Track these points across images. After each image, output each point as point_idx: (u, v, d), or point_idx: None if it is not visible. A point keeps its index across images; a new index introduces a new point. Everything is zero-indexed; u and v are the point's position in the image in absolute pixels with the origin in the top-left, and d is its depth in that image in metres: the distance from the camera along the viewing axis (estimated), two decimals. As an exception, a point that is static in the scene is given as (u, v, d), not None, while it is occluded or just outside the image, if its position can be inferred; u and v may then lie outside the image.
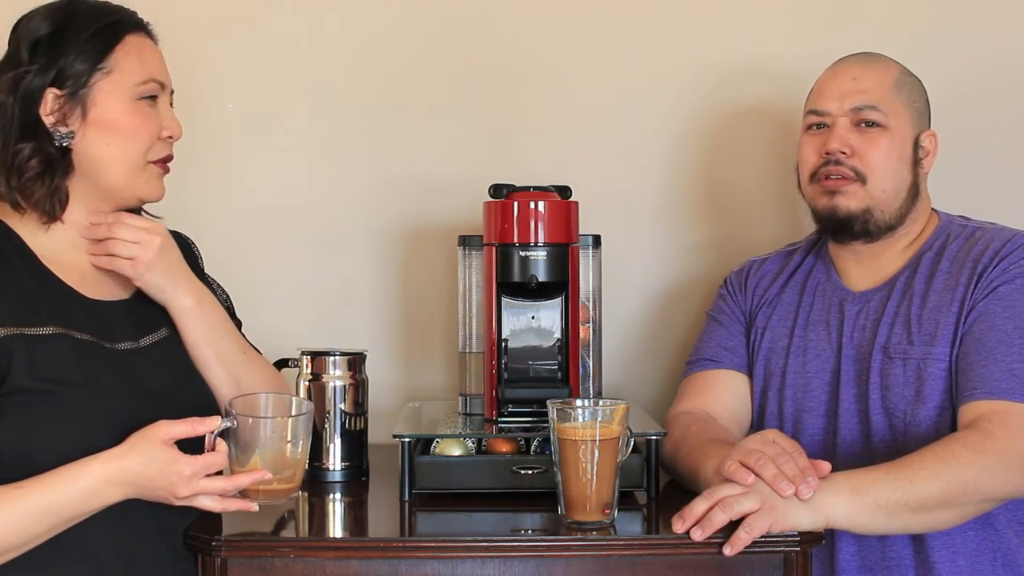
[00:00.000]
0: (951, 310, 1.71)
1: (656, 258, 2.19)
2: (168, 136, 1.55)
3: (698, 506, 1.47)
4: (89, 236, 1.53)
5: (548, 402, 1.52)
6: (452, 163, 2.17)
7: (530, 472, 1.65)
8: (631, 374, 2.18)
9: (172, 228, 1.62)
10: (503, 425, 1.75)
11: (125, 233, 1.51)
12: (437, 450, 1.72)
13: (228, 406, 1.49)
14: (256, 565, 1.46)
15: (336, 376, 1.80)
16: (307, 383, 1.81)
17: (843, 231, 1.78)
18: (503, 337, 1.80)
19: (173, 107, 1.58)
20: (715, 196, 2.20)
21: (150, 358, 1.53)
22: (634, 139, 2.18)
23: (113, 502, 1.39)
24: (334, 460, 1.80)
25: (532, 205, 1.76)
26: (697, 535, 1.45)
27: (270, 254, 2.17)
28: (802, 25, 2.16)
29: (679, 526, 1.46)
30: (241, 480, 1.43)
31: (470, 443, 1.74)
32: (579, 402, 1.60)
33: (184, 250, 1.65)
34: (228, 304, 1.71)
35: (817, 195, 1.80)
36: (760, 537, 1.44)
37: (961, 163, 2.08)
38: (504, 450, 1.72)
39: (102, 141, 1.49)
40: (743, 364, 1.89)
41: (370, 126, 2.18)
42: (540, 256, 1.76)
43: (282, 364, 1.80)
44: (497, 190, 1.80)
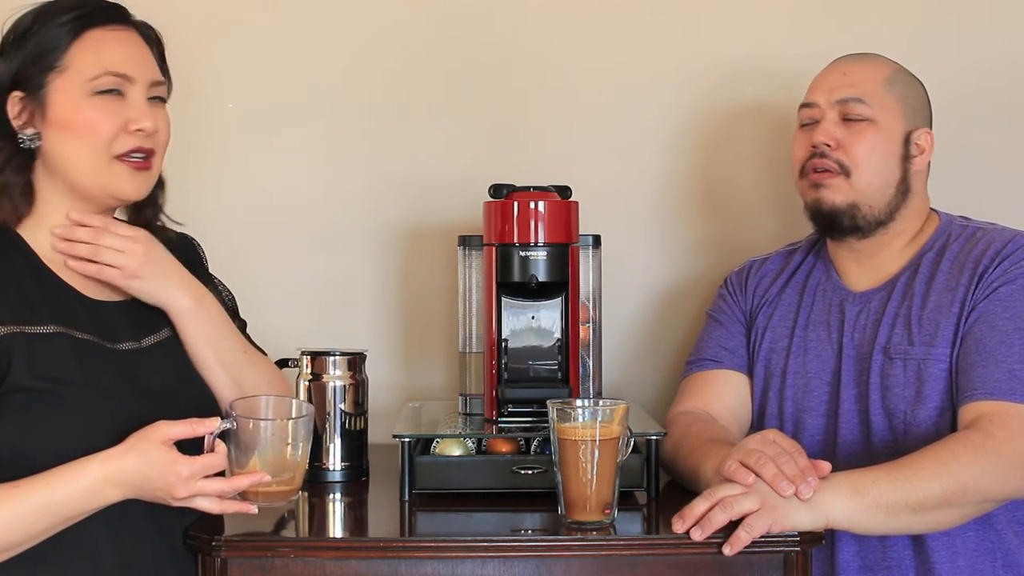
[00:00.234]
0: (952, 311, 1.71)
1: (656, 258, 2.19)
2: (137, 129, 1.49)
3: (698, 506, 1.47)
4: (63, 235, 1.50)
5: (548, 402, 1.52)
6: (452, 163, 2.17)
7: (530, 472, 1.65)
8: (631, 374, 2.18)
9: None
10: (503, 425, 1.75)
11: (109, 241, 1.50)
12: (437, 450, 1.72)
13: (228, 408, 1.48)
14: (256, 565, 1.46)
15: (336, 376, 1.80)
16: (307, 383, 1.81)
17: (832, 227, 1.79)
18: (503, 337, 1.80)
19: (166, 101, 1.55)
20: (715, 196, 2.19)
21: (151, 358, 1.53)
22: (634, 139, 2.18)
23: (111, 502, 1.39)
24: (334, 460, 1.80)
25: (532, 205, 1.76)
26: (697, 535, 1.44)
27: (270, 254, 2.17)
28: (802, 24, 2.16)
29: (679, 526, 1.46)
30: (239, 482, 1.43)
31: (470, 443, 1.74)
32: (579, 402, 1.60)
33: (188, 251, 1.64)
34: (232, 304, 1.71)
35: (805, 189, 1.81)
36: (760, 537, 1.44)
37: (961, 163, 2.08)
38: (504, 450, 1.72)
39: (62, 140, 1.48)
40: (743, 364, 1.89)
41: (370, 126, 2.18)
42: (540, 256, 1.76)
43: (282, 364, 1.80)
44: (497, 190, 1.80)
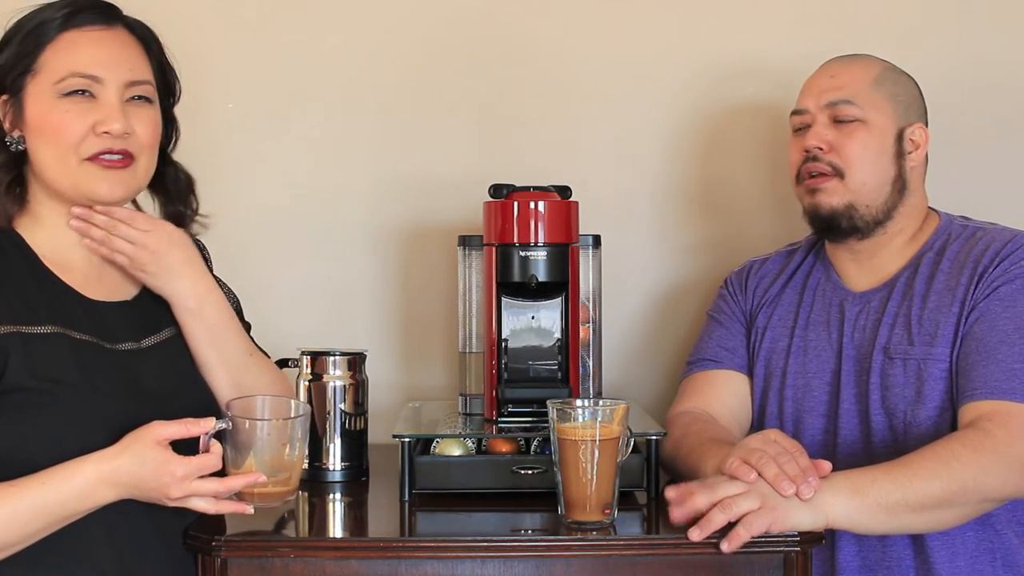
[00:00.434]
0: (952, 310, 1.71)
1: (656, 258, 2.19)
2: (104, 131, 1.47)
3: (698, 500, 1.47)
4: (81, 215, 1.50)
5: (548, 402, 1.52)
6: (452, 163, 2.17)
7: (530, 472, 1.65)
8: (631, 374, 2.18)
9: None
10: (503, 425, 1.75)
11: (123, 231, 1.51)
12: (437, 450, 1.72)
13: (224, 408, 1.48)
14: (256, 565, 1.45)
15: (336, 376, 1.80)
16: (307, 383, 1.81)
17: (831, 229, 1.79)
18: (503, 337, 1.80)
19: (152, 101, 1.53)
20: (715, 196, 2.20)
21: (151, 359, 1.52)
22: (634, 139, 2.18)
23: (106, 502, 1.39)
24: (334, 460, 1.80)
25: (532, 205, 1.76)
26: (695, 535, 1.44)
27: (270, 254, 2.17)
28: (802, 24, 2.16)
29: (677, 513, 1.47)
30: (234, 483, 1.42)
31: (470, 443, 1.74)
32: (579, 402, 1.60)
33: None
34: (236, 306, 1.70)
35: (802, 195, 1.81)
36: (759, 536, 1.44)
37: (960, 163, 2.08)
38: (504, 450, 1.71)
39: (37, 143, 1.48)
40: (743, 364, 1.89)
41: (370, 126, 2.18)
42: (540, 256, 1.76)
43: (282, 364, 1.80)
44: (497, 190, 1.80)
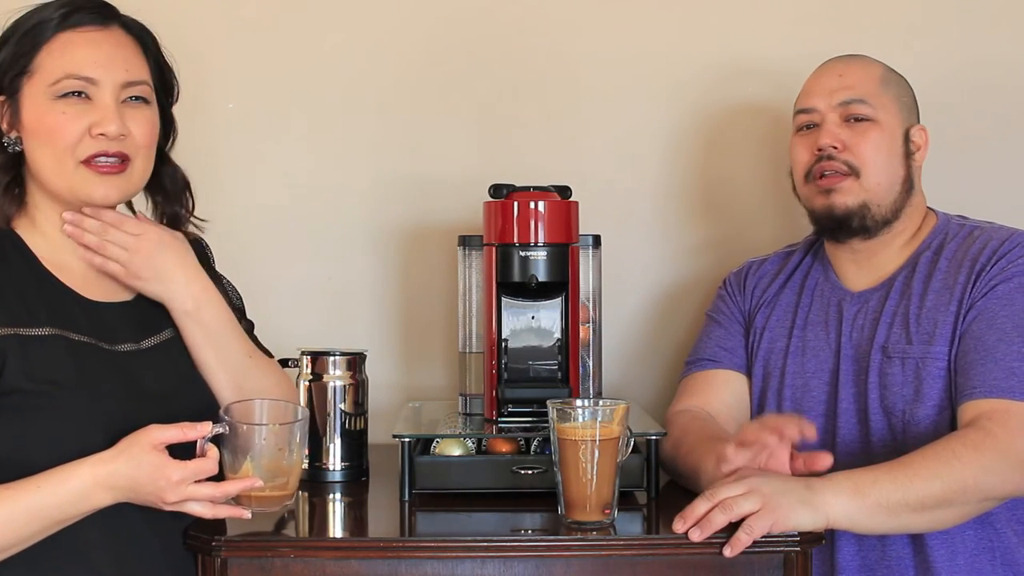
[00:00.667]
0: (949, 309, 1.71)
1: (656, 258, 2.19)
2: (99, 133, 1.46)
3: (699, 506, 1.47)
4: (72, 221, 1.50)
5: (548, 402, 1.52)
6: (452, 163, 2.17)
7: (530, 472, 1.65)
8: (631, 374, 2.18)
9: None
10: (503, 425, 1.75)
11: (115, 237, 1.50)
12: (437, 450, 1.72)
13: (222, 411, 1.47)
14: (256, 565, 1.46)
15: (336, 376, 1.81)
16: (307, 383, 1.81)
17: (841, 229, 1.78)
18: (503, 337, 1.80)
19: (149, 102, 1.52)
20: (715, 196, 2.20)
21: (150, 360, 1.52)
22: (634, 139, 2.18)
23: (103, 506, 1.38)
24: (334, 460, 1.80)
25: (532, 205, 1.76)
26: (696, 536, 1.45)
27: (270, 254, 2.17)
28: (802, 24, 2.16)
29: (679, 525, 1.47)
30: (230, 487, 1.41)
31: (470, 443, 1.74)
32: (579, 402, 1.60)
33: (197, 253, 1.63)
34: (239, 305, 1.69)
35: (813, 195, 1.80)
36: (760, 538, 1.44)
37: (958, 163, 2.08)
38: (504, 450, 1.72)
39: (33, 145, 1.48)
40: (742, 364, 1.89)
41: (370, 127, 2.18)
42: (540, 256, 1.76)
43: (282, 364, 1.79)
44: (497, 190, 1.80)
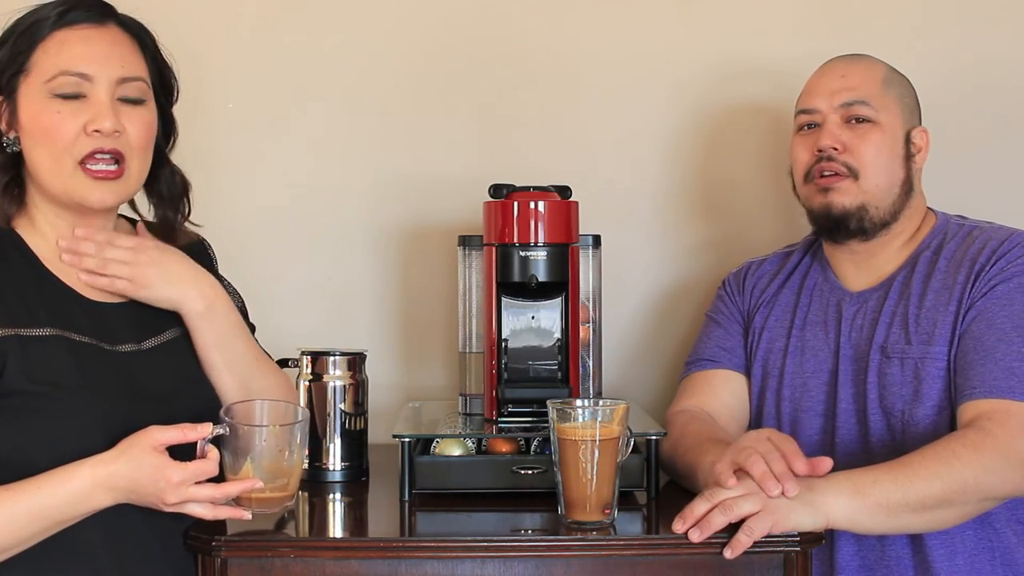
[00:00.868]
0: (949, 309, 1.71)
1: (656, 258, 2.19)
2: (94, 130, 1.45)
3: (699, 507, 1.47)
4: (69, 248, 1.50)
5: (548, 402, 1.52)
6: (452, 163, 2.17)
7: (530, 472, 1.65)
8: (631, 374, 2.18)
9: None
10: (503, 425, 1.75)
11: (113, 254, 1.50)
12: (437, 450, 1.72)
13: (222, 412, 1.47)
14: (256, 565, 1.46)
15: (336, 376, 1.81)
16: (307, 383, 1.81)
17: (839, 229, 1.78)
18: (503, 337, 1.80)
19: (146, 101, 1.51)
20: (715, 196, 2.20)
21: (151, 361, 1.52)
22: (634, 139, 2.18)
23: (103, 507, 1.38)
24: (334, 460, 1.80)
25: (532, 205, 1.76)
26: (695, 536, 1.45)
27: (270, 254, 2.17)
28: (802, 24, 2.16)
29: (679, 526, 1.47)
30: (230, 489, 1.42)
31: (470, 443, 1.74)
32: (579, 402, 1.60)
33: (200, 254, 1.63)
34: (242, 307, 1.69)
35: (812, 194, 1.80)
36: (760, 539, 1.44)
37: (958, 163, 2.08)
38: (504, 450, 1.72)
39: (31, 144, 1.47)
40: (741, 364, 1.89)
41: (370, 126, 2.18)
42: (540, 256, 1.76)
43: (282, 364, 1.80)
44: (497, 190, 1.80)
